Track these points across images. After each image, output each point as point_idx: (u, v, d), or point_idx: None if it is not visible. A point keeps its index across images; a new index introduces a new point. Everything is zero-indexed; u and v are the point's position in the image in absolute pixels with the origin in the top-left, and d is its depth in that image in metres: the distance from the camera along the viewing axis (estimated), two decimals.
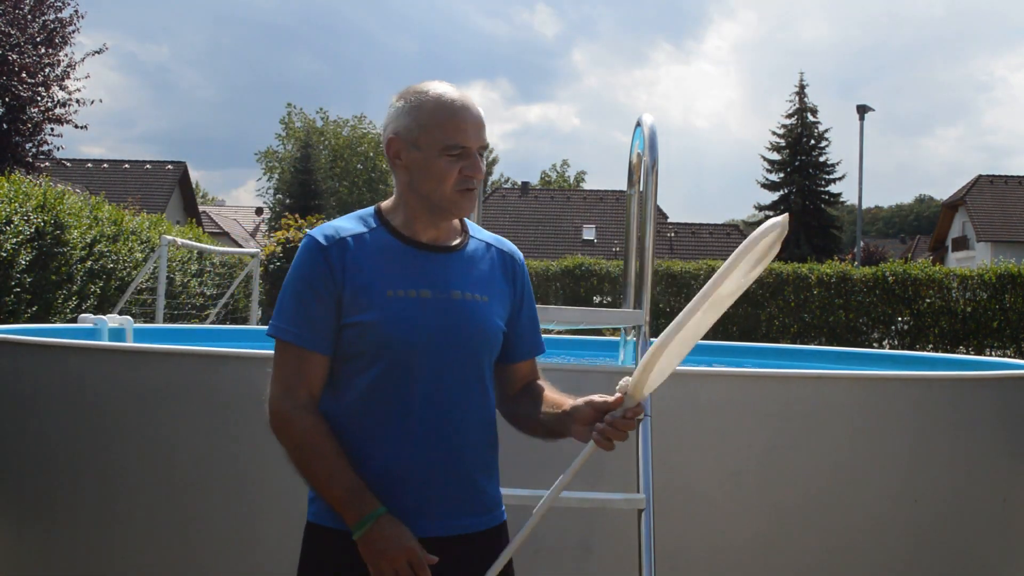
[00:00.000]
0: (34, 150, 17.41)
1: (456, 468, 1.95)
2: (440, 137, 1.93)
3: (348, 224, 1.99)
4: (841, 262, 20.33)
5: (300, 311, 1.91)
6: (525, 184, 46.68)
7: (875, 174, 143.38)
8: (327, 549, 1.94)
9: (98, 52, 18.03)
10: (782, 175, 41.25)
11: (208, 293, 14.44)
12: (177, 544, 3.46)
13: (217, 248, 14.31)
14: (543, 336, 2.20)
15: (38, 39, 17.09)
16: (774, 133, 42.21)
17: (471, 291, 1.99)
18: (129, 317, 6.02)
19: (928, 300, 16.88)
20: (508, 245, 2.14)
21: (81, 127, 17.70)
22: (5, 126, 16.85)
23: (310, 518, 1.98)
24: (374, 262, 1.95)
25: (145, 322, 10.75)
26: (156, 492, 3.47)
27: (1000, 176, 44.27)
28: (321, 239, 1.94)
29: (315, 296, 1.90)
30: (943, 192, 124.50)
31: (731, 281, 1.77)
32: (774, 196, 41.50)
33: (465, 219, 2.10)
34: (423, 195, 1.97)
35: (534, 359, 2.15)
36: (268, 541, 3.41)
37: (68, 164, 30.29)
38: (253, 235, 51.24)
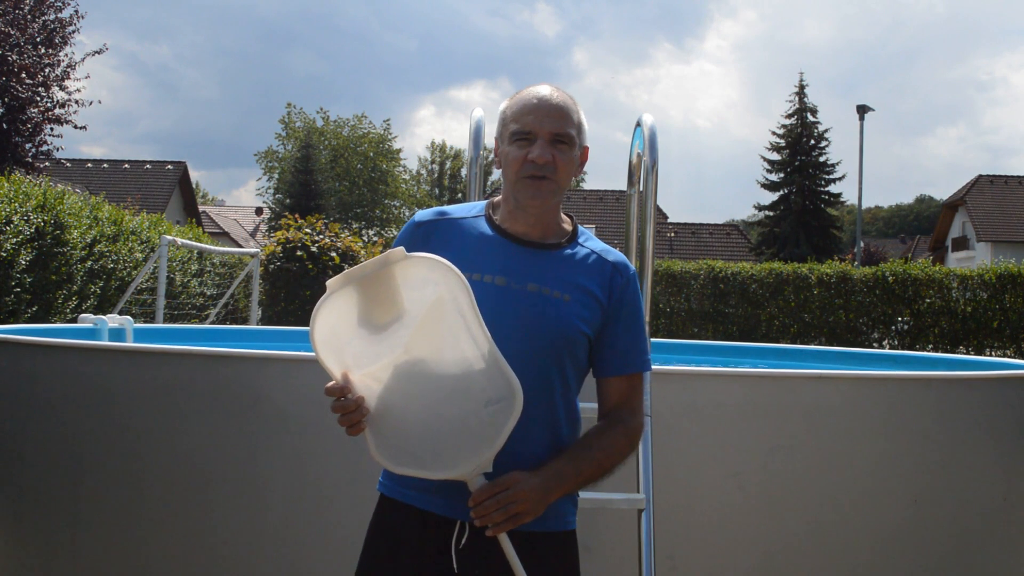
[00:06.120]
0: (34, 150, 17.39)
1: (504, 459, 1.90)
2: (512, 126, 2.02)
3: (456, 208, 2.09)
4: (841, 262, 20.31)
5: None
6: None
7: (875, 174, 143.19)
8: (391, 518, 2.02)
9: (98, 52, 18.01)
10: (782, 175, 41.15)
11: (208, 293, 14.43)
12: (175, 543, 3.47)
13: (217, 248, 14.29)
14: None
15: (38, 39, 17.07)
16: (774, 133, 42.09)
17: (551, 287, 1.98)
18: (129, 317, 6.02)
19: (928, 300, 16.86)
20: (616, 256, 2.09)
21: (80, 127, 17.70)
22: (5, 126, 16.82)
23: (379, 488, 2.07)
24: (461, 244, 2.01)
25: (145, 322, 10.75)
26: (157, 492, 3.47)
27: (1000, 176, 44.27)
28: (418, 216, 2.08)
29: None
30: (943, 192, 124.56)
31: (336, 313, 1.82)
32: (774, 196, 41.39)
33: (579, 227, 2.11)
34: (507, 187, 2.05)
35: (632, 383, 2.07)
36: (268, 541, 3.41)
37: (68, 164, 30.38)
38: (253, 235, 51.25)
